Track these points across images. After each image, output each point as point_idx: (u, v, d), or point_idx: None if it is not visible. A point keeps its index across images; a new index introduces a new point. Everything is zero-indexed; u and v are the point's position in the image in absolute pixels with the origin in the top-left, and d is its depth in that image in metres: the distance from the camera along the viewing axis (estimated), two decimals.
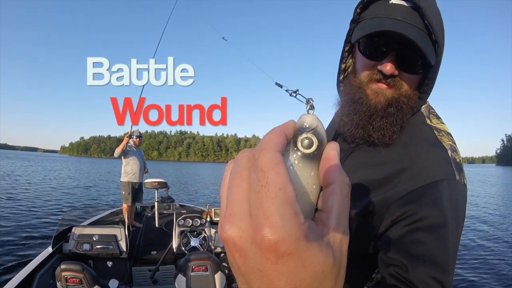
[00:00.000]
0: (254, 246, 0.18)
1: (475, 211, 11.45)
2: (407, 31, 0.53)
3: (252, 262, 0.19)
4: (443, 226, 0.52)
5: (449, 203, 0.53)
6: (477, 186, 22.90)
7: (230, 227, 0.19)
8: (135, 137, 5.01)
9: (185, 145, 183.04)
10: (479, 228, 8.48)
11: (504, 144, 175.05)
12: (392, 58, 0.56)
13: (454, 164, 0.57)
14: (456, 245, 0.54)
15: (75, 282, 2.29)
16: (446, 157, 0.58)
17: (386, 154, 0.60)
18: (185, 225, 3.47)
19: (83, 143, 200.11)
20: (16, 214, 8.22)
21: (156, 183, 4.07)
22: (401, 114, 0.58)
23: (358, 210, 0.59)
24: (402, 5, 0.55)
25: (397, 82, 0.58)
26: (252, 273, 0.19)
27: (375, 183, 0.59)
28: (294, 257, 0.18)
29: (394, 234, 0.54)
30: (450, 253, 0.52)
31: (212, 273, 2.47)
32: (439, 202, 0.53)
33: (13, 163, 39.34)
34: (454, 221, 0.53)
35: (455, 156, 0.59)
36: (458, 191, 0.56)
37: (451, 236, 0.52)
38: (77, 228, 3.12)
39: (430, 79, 0.58)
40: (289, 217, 0.17)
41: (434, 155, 0.58)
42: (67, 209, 8.67)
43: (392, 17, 0.55)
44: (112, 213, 4.52)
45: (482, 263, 5.57)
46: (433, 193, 0.54)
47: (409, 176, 0.56)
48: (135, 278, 3.22)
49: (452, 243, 0.53)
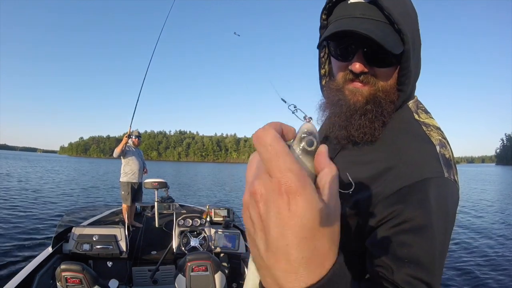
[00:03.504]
0: (273, 192, 0.24)
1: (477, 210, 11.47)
2: (361, 26, 0.53)
3: (272, 207, 0.24)
4: (429, 227, 0.51)
5: (436, 203, 0.53)
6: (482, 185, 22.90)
7: (258, 183, 0.25)
8: (134, 137, 5.00)
9: (185, 145, 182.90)
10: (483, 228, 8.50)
11: (504, 143, 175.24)
12: (360, 56, 0.57)
13: (443, 161, 0.56)
14: (444, 245, 0.53)
15: (75, 282, 2.29)
16: (434, 154, 0.57)
17: (373, 152, 0.60)
18: (185, 225, 3.47)
19: (83, 143, 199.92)
20: (16, 215, 8.21)
21: (156, 183, 4.06)
22: (380, 109, 0.58)
23: (347, 208, 0.59)
24: (360, 2, 0.55)
25: (370, 78, 0.58)
26: (271, 219, 0.24)
27: (363, 181, 0.58)
28: (302, 198, 0.23)
29: (381, 235, 0.54)
30: (437, 254, 0.51)
31: (212, 273, 2.48)
32: (425, 202, 0.52)
33: (13, 164, 39.29)
34: (442, 221, 0.53)
35: (444, 152, 0.58)
36: (446, 189, 0.55)
37: (437, 237, 0.52)
38: (77, 228, 3.12)
39: (404, 69, 0.57)
40: (296, 169, 0.23)
41: (421, 152, 0.57)
42: (67, 209, 8.67)
43: (352, 16, 0.55)
44: (112, 213, 4.52)
45: (487, 261, 5.59)
46: (419, 193, 0.53)
47: (396, 175, 0.56)
48: (135, 278, 3.22)
49: (439, 243, 0.52)
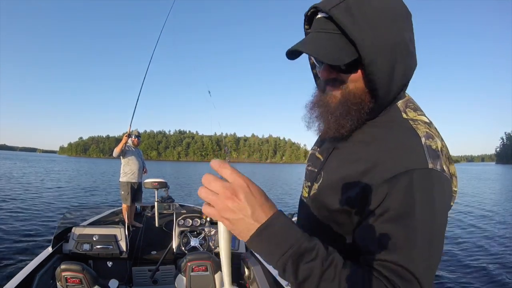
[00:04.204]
0: (224, 194, 0.48)
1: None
2: (309, 43, 0.59)
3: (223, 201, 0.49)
4: (411, 216, 0.54)
5: (420, 193, 0.54)
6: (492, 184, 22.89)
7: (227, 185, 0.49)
8: (134, 136, 5.00)
9: (184, 145, 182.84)
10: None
11: (504, 142, 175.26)
12: (326, 65, 0.63)
13: (428, 152, 0.57)
14: (431, 235, 0.55)
15: (75, 282, 2.29)
16: (418, 145, 0.58)
17: (363, 150, 0.63)
18: (185, 225, 3.47)
19: (82, 143, 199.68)
20: (16, 215, 8.21)
21: (156, 183, 4.06)
22: (352, 110, 0.63)
23: (340, 204, 0.63)
24: (321, 17, 0.60)
25: (339, 83, 0.63)
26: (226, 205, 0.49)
27: (353, 178, 0.61)
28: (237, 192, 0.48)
29: (366, 225, 0.58)
30: (420, 243, 0.53)
31: (212, 273, 2.47)
32: (407, 193, 0.55)
33: (12, 164, 39.25)
34: (426, 210, 0.54)
35: (431, 143, 0.59)
36: (430, 179, 0.56)
37: (420, 226, 0.54)
38: (77, 228, 3.12)
39: (369, 73, 0.59)
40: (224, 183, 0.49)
41: (405, 144, 0.59)
42: (67, 209, 8.67)
43: (314, 30, 0.61)
44: (112, 213, 4.51)
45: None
46: (402, 184, 0.55)
47: (381, 169, 0.58)
48: (135, 278, 3.22)
49: (423, 232, 0.54)
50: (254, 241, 0.50)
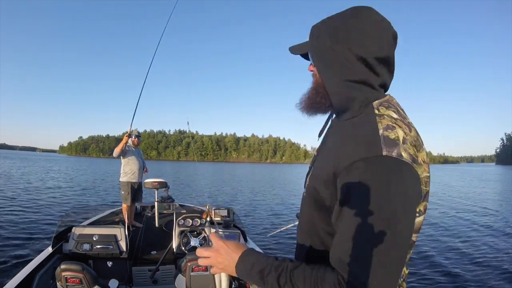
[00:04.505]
0: (212, 255, 0.78)
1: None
2: (295, 46, 0.84)
3: (215, 259, 0.78)
4: (359, 205, 0.61)
5: (370, 178, 0.61)
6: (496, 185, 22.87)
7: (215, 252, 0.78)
8: (134, 136, 4.99)
9: (184, 145, 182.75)
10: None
11: (504, 143, 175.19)
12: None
13: (384, 141, 0.63)
14: (387, 221, 0.59)
15: (75, 282, 2.29)
16: (374, 137, 0.65)
17: (335, 145, 0.73)
18: (185, 225, 3.47)
19: (82, 142, 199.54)
20: (16, 214, 8.22)
21: (156, 183, 4.06)
22: (316, 93, 0.80)
23: (321, 193, 0.73)
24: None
25: (314, 74, 0.81)
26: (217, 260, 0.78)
27: (327, 170, 0.71)
28: (219, 251, 0.77)
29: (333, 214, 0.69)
30: (365, 233, 0.59)
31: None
32: (359, 179, 0.61)
33: (12, 163, 39.26)
34: (375, 199, 0.59)
35: (389, 134, 0.64)
36: (383, 164, 0.61)
37: (366, 214, 0.60)
38: (77, 228, 3.12)
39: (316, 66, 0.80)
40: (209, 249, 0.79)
41: (363, 136, 0.66)
42: (67, 209, 8.67)
43: None
44: (112, 213, 4.51)
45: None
46: (354, 171, 0.63)
47: (342, 159, 0.66)
48: (135, 278, 3.22)
49: (372, 219, 0.59)
50: (237, 270, 0.75)
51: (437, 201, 14.03)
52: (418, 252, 6.02)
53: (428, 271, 5.09)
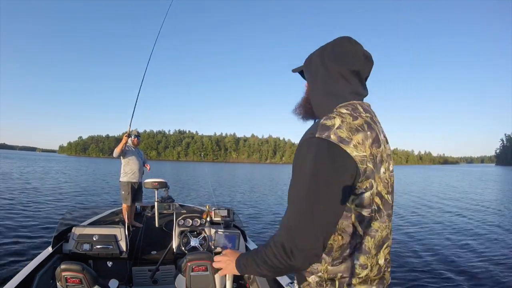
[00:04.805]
0: (222, 260, 1.04)
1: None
2: (296, 68, 1.06)
3: (224, 262, 1.03)
4: (294, 177, 0.83)
5: (301, 155, 0.82)
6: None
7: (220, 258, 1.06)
8: (133, 136, 4.98)
9: (184, 145, 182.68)
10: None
11: (503, 144, 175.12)
12: None
13: (321, 127, 0.81)
14: (306, 189, 0.78)
15: (75, 282, 2.29)
16: (316, 125, 0.84)
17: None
18: (185, 225, 3.47)
19: (81, 142, 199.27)
20: (16, 214, 8.21)
21: (156, 183, 4.06)
22: (306, 103, 1.02)
23: None
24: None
25: (307, 89, 1.03)
26: (224, 263, 1.03)
27: None
28: (225, 257, 1.03)
29: None
30: (297, 200, 0.80)
31: (212, 273, 2.47)
32: (296, 159, 0.83)
33: (12, 163, 39.24)
34: (305, 171, 0.78)
35: (326, 122, 0.83)
36: (313, 144, 0.80)
37: (298, 185, 0.81)
38: (77, 228, 3.12)
39: (307, 82, 1.02)
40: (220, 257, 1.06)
41: (311, 127, 0.86)
42: (67, 209, 8.67)
43: None
44: (112, 213, 4.50)
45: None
46: (297, 152, 0.83)
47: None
48: (135, 278, 3.22)
49: (299, 190, 0.80)
50: (238, 267, 0.97)
51: (437, 201, 14.03)
52: (419, 252, 6.04)
53: (428, 270, 5.11)
